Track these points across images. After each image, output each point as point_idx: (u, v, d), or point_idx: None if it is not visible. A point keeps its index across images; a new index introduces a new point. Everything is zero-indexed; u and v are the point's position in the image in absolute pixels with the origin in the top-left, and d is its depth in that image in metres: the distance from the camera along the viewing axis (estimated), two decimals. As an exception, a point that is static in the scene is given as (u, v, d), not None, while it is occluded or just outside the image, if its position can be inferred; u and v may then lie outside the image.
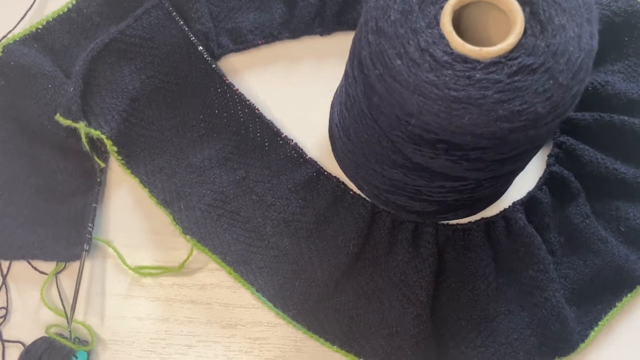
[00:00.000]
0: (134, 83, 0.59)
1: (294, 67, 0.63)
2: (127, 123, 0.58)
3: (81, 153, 0.57)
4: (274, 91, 0.61)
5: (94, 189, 0.58)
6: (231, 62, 0.63)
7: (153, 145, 0.59)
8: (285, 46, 0.63)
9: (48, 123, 0.57)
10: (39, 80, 0.58)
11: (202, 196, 0.58)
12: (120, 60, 0.59)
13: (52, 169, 0.58)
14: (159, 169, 0.59)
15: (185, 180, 0.59)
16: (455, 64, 0.37)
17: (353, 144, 0.50)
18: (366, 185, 0.55)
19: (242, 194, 0.59)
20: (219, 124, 0.60)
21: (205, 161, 0.59)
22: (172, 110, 0.60)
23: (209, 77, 0.60)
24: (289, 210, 0.58)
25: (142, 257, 0.57)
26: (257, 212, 0.58)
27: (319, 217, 0.58)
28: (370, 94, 0.41)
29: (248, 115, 0.60)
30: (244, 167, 0.59)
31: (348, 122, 0.49)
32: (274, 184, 0.59)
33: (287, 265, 0.57)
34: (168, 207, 0.58)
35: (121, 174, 0.59)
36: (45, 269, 0.56)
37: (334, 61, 0.63)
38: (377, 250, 0.57)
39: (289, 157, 0.59)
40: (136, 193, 0.58)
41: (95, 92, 0.58)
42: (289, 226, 0.58)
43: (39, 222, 0.57)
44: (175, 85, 0.60)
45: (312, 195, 0.58)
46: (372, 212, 0.57)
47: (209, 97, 0.60)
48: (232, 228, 0.58)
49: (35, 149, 0.58)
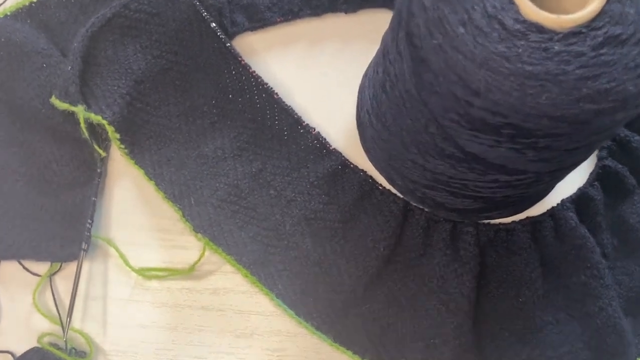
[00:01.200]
0: (139, 63, 0.53)
1: (316, 47, 0.57)
2: (131, 107, 0.52)
3: (79, 140, 0.52)
4: (294, 74, 0.56)
5: (93, 180, 0.52)
6: (246, 41, 0.57)
7: (160, 133, 0.53)
8: (306, 25, 0.57)
9: (42, 106, 0.51)
10: (32, 59, 0.52)
11: (214, 190, 0.52)
12: (123, 38, 0.53)
13: (47, 158, 0.52)
14: (166, 160, 0.53)
15: (195, 172, 0.53)
16: (528, 33, 0.31)
17: (389, 132, 0.45)
18: (400, 180, 0.49)
19: (259, 188, 0.53)
20: (233, 109, 0.54)
21: (218, 151, 0.53)
22: (181, 94, 0.54)
23: (222, 57, 0.54)
24: (310, 207, 0.52)
25: (147, 257, 0.52)
26: (276, 209, 0.52)
27: (344, 214, 0.52)
28: (421, 71, 0.35)
29: (265, 100, 0.54)
30: (261, 159, 0.53)
31: (385, 106, 0.43)
32: (293, 177, 0.53)
33: (309, 268, 0.51)
34: (177, 202, 0.52)
35: (124, 164, 0.53)
36: (38, 270, 0.52)
37: (360, 41, 0.57)
38: (411, 252, 0.51)
39: (311, 147, 0.54)
40: (141, 186, 0.53)
41: (96, 73, 0.52)
42: (311, 224, 0.52)
43: (31, 217, 0.51)
44: (184, 66, 0.54)
45: (336, 190, 0.52)
46: (404, 210, 0.51)
47: (222, 80, 0.54)
48: (248, 226, 0.52)
49: (27, 135, 0.53)
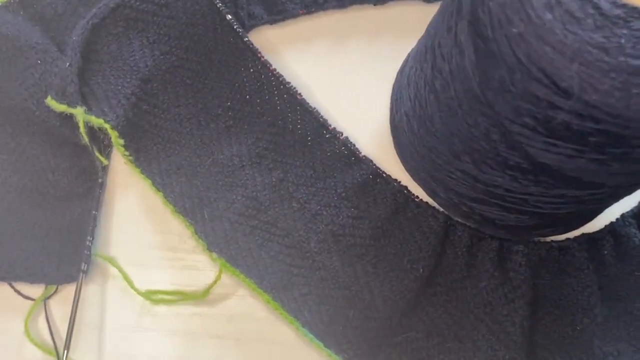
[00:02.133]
0: (146, 60, 0.47)
1: (342, 43, 0.52)
2: (137, 110, 0.46)
3: (78, 146, 0.48)
4: (317, 73, 0.51)
5: (94, 192, 0.46)
6: (265, 36, 0.51)
7: (169, 138, 0.47)
8: (331, 17, 0.52)
9: (36, 108, 0.46)
10: (25, 55, 0.47)
11: (231, 203, 0.46)
12: (128, 31, 0.47)
13: (41, 166, 0.47)
14: (176, 168, 0.47)
15: (209, 182, 0.47)
16: (631, 20, 0.25)
17: (435, 138, 0.39)
18: (443, 192, 0.43)
19: (280, 200, 0.47)
20: (251, 112, 0.48)
21: (234, 159, 0.47)
22: (193, 95, 0.48)
23: (239, 53, 0.48)
24: (338, 222, 0.46)
25: (155, 279, 0.47)
26: (299, 223, 0.47)
27: (376, 230, 0.46)
28: (488, 66, 0.29)
29: (287, 101, 0.48)
30: (282, 167, 0.48)
31: (433, 108, 0.37)
32: (318, 187, 0.47)
33: (338, 292, 0.45)
34: (188, 216, 0.46)
35: (128, 173, 0.48)
36: (31, 294, 0.46)
37: (391, 36, 0.51)
38: (453, 273, 0.45)
39: (338, 154, 0.48)
40: (147, 198, 0.48)
41: (97, 71, 0.46)
42: (339, 241, 0.46)
43: (23, 233, 0.46)
44: (196, 63, 0.48)
45: (367, 202, 0.47)
46: (445, 225, 0.46)
47: (239, 79, 0.48)
48: (268, 243, 0.46)
49: (19, 141, 0.48)
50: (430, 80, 0.37)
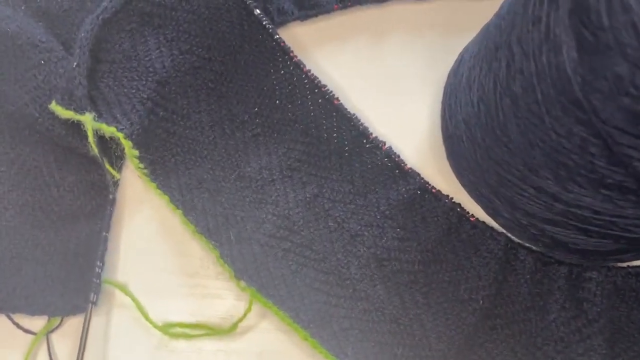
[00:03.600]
0: (163, 60, 0.42)
1: (382, 41, 0.46)
2: (153, 116, 0.41)
3: (87, 158, 0.43)
4: (354, 74, 0.46)
5: (104, 210, 0.41)
6: (295, 33, 0.46)
7: (189, 149, 0.42)
8: (369, 13, 0.47)
9: (39, 114, 0.41)
10: (27, 54, 0.42)
11: (260, 222, 0.41)
12: (143, 27, 0.42)
13: (45, 181, 0.42)
14: (197, 183, 0.42)
15: (235, 199, 0.41)
16: None
17: (506, 150, 0.33)
18: (508, 212, 0.37)
19: (315, 219, 0.41)
20: (282, 119, 0.43)
21: (263, 172, 0.42)
22: (216, 100, 0.43)
23: (268, 53, 0.43)
24: (381, 244, 0.41)
25: (173, 309, 0.42)
26: (337, 246, 0.41)
27: (426, 254, 0.41)
28: (598, 64, 0.23)
29: (322, 107, 0.43)
30: (316, 181, 0.42)
31: (506, 115, 0.32)
32: (358, 205, 0.42)
33: (384, 325, 0.40)
34: (212, 237, 0.41)
35: (142, 189, 0.43)
36: (32, 327, 0.41)
37: (436, 33, 0.46)
38: (516, 304, 0.40)
39: (380, 166, 0.42)
40: (164, 217, 0.43)
41: (108, 72, 0.41)
42: (383, 267, 0.40)
43: (23, 257, 0.41)
44: (220, 64, 0.43)
45: (414, 222, 0.41)
46: (505, 249, 0.40)
47: (269, 81, 0.43)
48: (303, 269, 0.40)
49: (19, 151, 0.43)
50: (504, 81, 0.31)
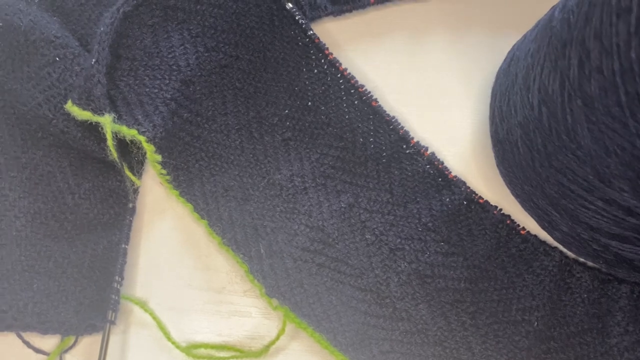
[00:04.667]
0: (187, 57, 0.38)
1: (421, 38, 0.43)
2: (177, 118, 0.38)
3: (104, 163, 0.40)
4: (392, 74, 0.43)
5: (123, 220, 0.37)
6: (328, 29, 0.43)
7: (214, 153, 0.39)
8: (407, 8, 0.44)
9: (54, 115, 0.38)
10: (41, 51, 0.39)
11: (292, 235, 0.37)
12: (166, 22, 0.38)
13: (58, 187, 0.39)
14: (223, 190, 0.38)
15: (265, 208, 0.38)
16: None
17: (572, 157, 0.30)
18: (567, 225, 0.34)
19: (350, 231, 0.38)
20: (315, 122, 0.39)
21: (295, 179, 0.39)
22: (244, 101, 0.39)
23: (301, 50, 0.40)
24: (424, 259, 0.37)
25: (196, 327, 0.39)
26: (375, 261, 0.38)
27: (473, 270, 0.37)
28: None
29: (358, 109, 0.39)
30: (352, 190, 0.39)
31: (577, 118, 0.28)
32: (398, 216, 0.38)
33: (427, 349, 0.36)
34: (240, 250, 0.37)
35: (163, 197, 0.39)
36: (44, 347, 0.38)
37: (478, 29, 0.43)
38: (571, 326, 0.36)
39: (422, 174, 0.39)
40: (187, 227, 0.40)
41: (129, 70, 0.38)
42: (426, 284, 0.37)
43: (35, 271, 0.38)
44: (248, 62, 0.39)
45: (459, 235, 0.38)
46: (560, 265, 0.36)
47: (301, 81, 0.40)
48: (339, 286, 0.37)
49: (32, 155, 0.40)
50: (575, 81, 0.28)
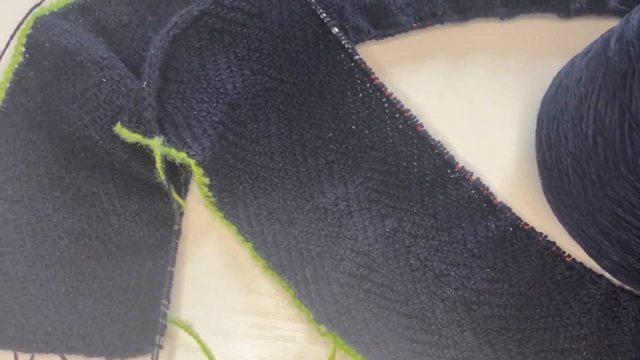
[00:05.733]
0: (234, 80, 0.38)
1: (464, 62, 0.43)
2: (224, 141, 0.38)
3: (150, 185, 0.40)
4: (434, 98, 0.43)
5: (169, 242, 0.37)
6: (370, 52, 0.43)
7: (258, 175, 0.39)
8: (449, 32, 0.44)
9: (100, 137, 0.38)
10: (88, 72, 0.39)
11: (339, 260, 0.37)
12: (213, 45, 0.39)
13: (103, 208, 0.39)
14: (267, 213, 0.38)
15: (310, 231, 0.38)
16: None
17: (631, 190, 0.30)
18: (619, 254, 0.34)
19: (395, 256, 0.38)
20: (359, 145, 0.39)
21: (340, 203, 0.39)
22: (287, 123, 0.40)
23: (346, 74, 0.40)
24: (469, 286, 0.37)
25: (240, 352, 0.39)
26: (420, 286, 0.38)
27: (519, 297, 0.37)
28: None
29: (402, 133, 0.40)
30: (396, 214, 0.39)
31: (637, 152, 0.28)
32: (442, 241, 0.38)
33: (475, 377, 0.35)
34: (286, 275, 0.37)
35: (208, 218, 0.39)
36: None
37: (521, 54, 0.43)
38: (619, 355, 0.36)
39: (467, 199, 0.39)
40: (231, 250, 0.40)
41: (176, 92, 0.38)
42: (472, 311, 0.37)
43: (79, 293, 0.38)
44: (292, 85, 0.40)
45: (505, 261, 0.38)
46: (607, 294, 0.36)
47: (345, 105, 0.40)
48: (385, 312, 0.37)
49: (76, 175, 0.40)
50: (637, 114, 0.28)
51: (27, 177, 0.39)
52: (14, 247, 0.38)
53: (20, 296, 0.37)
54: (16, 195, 0.39)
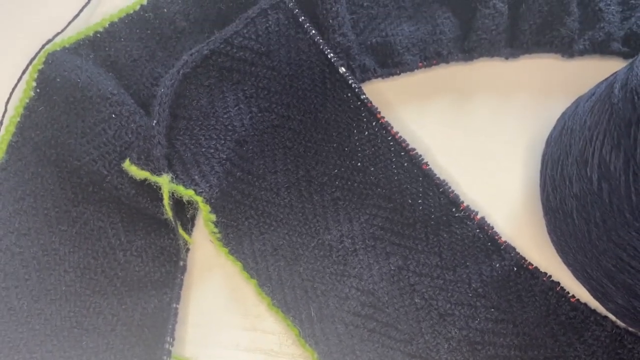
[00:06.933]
0: (242, 117, 0.39)
1: (469, 101, 0.44)
2: (231, 177, 0.38)
3: (157, 221, 0.40)
4: (439, 136, 0.43)
5: (174, 279, 0.37)
6: (377, 91, 0.43)
7: (263, 211, 0.39)
8: (454, 71, 0.44)
9: (108, 172, 0.38)
10: (97, 107, 0.39)
11: (344, 298, 0.37)
12: (222, 83, 0.39)
13: (109, 243, 0.39)
14: (272, 249, 0.38)
15: (315, 269, 0.38)
16: None
17: (636, 235, 0.30)
18: (623, 298, 0.34)
19: (400, 294, 0.38)
20: (364, 182, 0.40)
21: (345, 240, 0.39)
22: (293, 160, 0.40)
23: (352, 112, 0.40)
24: (474, 325, 0.37)
25: None
26: (424, 326, 0.37)
27: (523, 338, 0.37)
28: None
29: (408, 171, 0.40)
30: (401, 252, 0.39)
31: None
32: (447, 280, 0.38)
33: (479, 419, 0.35)
34: (290, 313, 0.37)
35: (213, 254, 0.39)
36: None
37: (526, 93, 0.44)
38: (626, 399, 0.35)
39: (472, 238, 0.39)
40: (236, 286, 0.40)
41: (185, 129, 0.38)
42: (477, 351, 0.37)
43: (83, 328, 0.38)
44: (299, 122, 0.40)
45: (509, 301, 0.38)
46: (612, 336, 0.36)
47: (351, 142, 0.40)
48: (389, 352, 0.37)
49: (82, 209, 0.40)
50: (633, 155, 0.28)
51: (35, 210, 0.39)
52: (19, 281, 0.38)
53: (24, 331, 0.37)
54: (23, 228, 0.39)
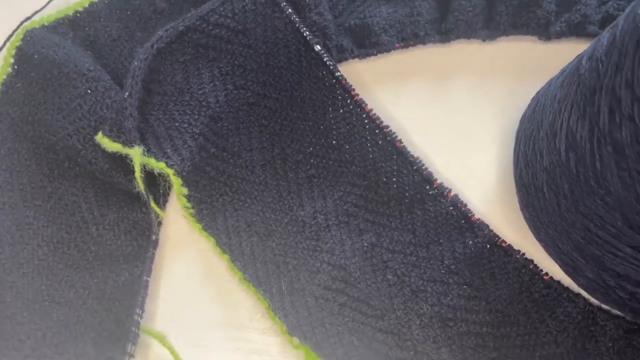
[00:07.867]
0: (217, 94, 0.39)
1: (445, 82, 0.44)
2: (204, 153, 0.38)
3: (130, 195, 0.40)
4: (415, 116, 0.43)
5: (145, 252, 0.37)
6: (353, 71, 0.43)
7: (238, 188, 0.39)
8: (431, 53, 0.44)
9: (82, 146, 0.38)
10: (73, 83, 0.39)
11: (315, 272, 0.37)
12: (197, 60, 0.39)
13: (83, 217, 0.39)
14: (246, 225, 0.38)
15: (287, 244, 0.38)
16: None
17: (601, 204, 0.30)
18: (593, 271, 0.34)
19: (372, 270, 0.38)
20: (339, 160, 0.40)
21: (318, 216, 0.39)
22: (269, 137, 0.40)
23: (328, 90, 0.40)
24: (446, 302, 0.37)
25: None
26: (396, 302, 0.37)
27: (495, 315, 0.37)
28: None
29: (382, 149, 0.40)
30: (374, 229, 0.39)
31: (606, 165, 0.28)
32: (420, 257, 0.38)
33: (449, 394, 0.35)
34: (261, 287, 0.37)
35: (185, 230, 0.39)
36: None
37: (502, 75, 0.43)
38: (598, 376, 0.35)
39: (445, 216, 0.39)
40: (209, 262, 0.40)
41: (159, 104, 0.38)
42: (448, 327, 0.37)
43: (55, 300, 0.38)
44: (275, 100, 0.40)
45: (482, 278, 0.38)
46: (584, 313, 0.36)
47: (326, 121, 0.40)
48: (360, 326, 0.36)
49: (57, 185, 0.40)
50: (605, 128, 0.28)
51: (10, 185, 0.39)
52: (-8, 254, 0.38)
53: (-8, 303, 0.37)
54: (-2, 202, 0.39)
